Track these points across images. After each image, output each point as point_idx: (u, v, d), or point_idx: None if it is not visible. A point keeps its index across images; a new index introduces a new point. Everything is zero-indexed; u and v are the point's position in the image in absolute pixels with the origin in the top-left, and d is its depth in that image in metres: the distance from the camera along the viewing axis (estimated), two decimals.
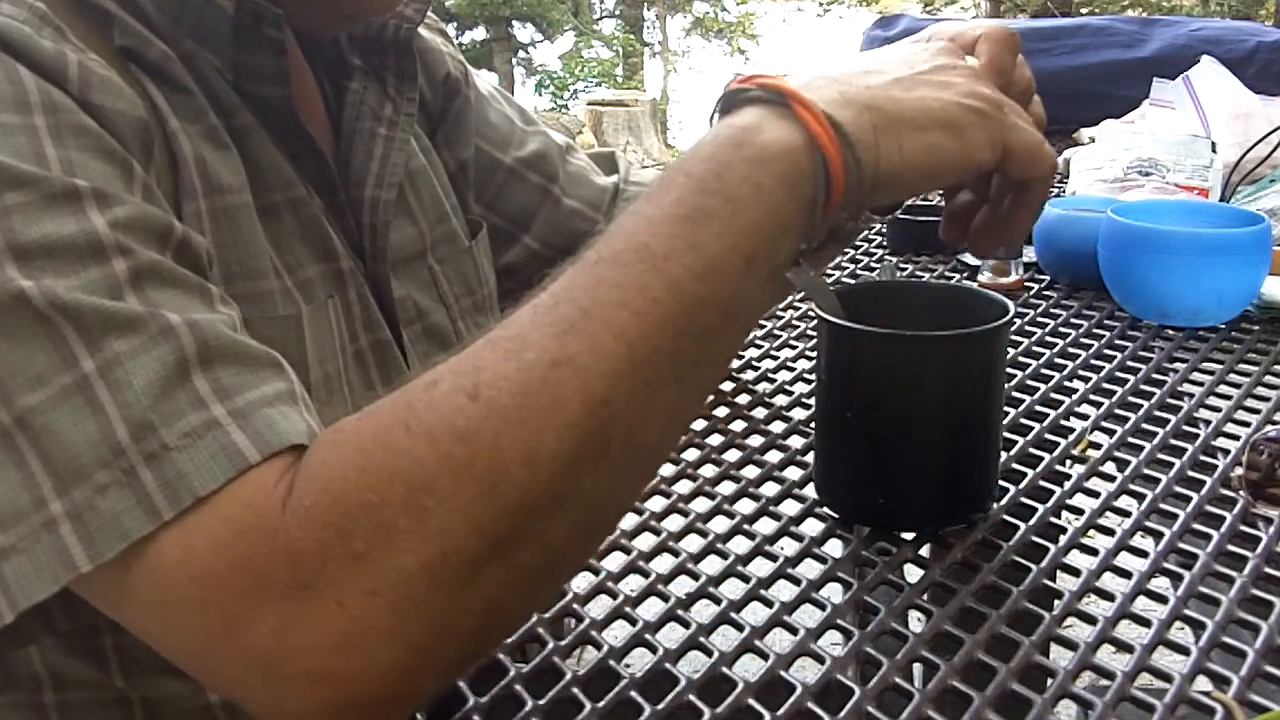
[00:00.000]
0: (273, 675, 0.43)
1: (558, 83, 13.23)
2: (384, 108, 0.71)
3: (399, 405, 0.45)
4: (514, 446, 0.42)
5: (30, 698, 0.60)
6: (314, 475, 0.44)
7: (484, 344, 0.45)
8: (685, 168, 0.48)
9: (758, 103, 0.50)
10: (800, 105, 0.49)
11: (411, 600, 0.42)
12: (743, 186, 0.47)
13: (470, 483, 0.42)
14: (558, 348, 0.44)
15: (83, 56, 0.51)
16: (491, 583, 0.43)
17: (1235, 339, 1.00)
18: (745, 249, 0.47)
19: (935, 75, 0.55)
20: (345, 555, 0.42)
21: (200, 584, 0.42)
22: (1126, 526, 0.69)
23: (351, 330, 0.66)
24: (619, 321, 0.44)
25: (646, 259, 0.45)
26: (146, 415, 0.44)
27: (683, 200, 0.47)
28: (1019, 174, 0.57)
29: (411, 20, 0.73)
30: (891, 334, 0.67)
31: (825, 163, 0.49)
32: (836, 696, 0.56)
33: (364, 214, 0.68)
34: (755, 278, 0.47)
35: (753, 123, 0.49)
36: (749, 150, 0.48)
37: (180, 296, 0.48)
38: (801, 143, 0.49)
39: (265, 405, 0.46)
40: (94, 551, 0.43)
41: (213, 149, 0.58)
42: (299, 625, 0.42)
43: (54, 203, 0.46)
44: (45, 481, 0.43)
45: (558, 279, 0.47)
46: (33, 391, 0.44)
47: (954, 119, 0.53)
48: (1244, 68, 1.69)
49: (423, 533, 0.42)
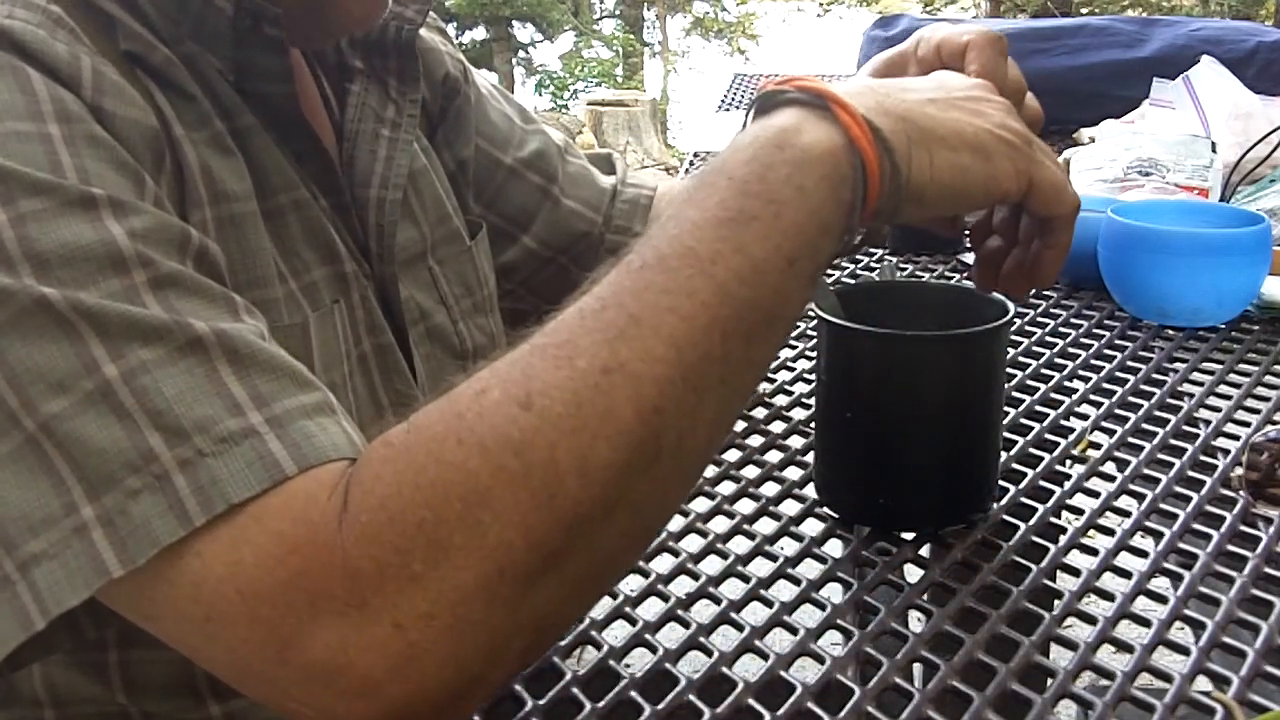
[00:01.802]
0: (323, 691, 0.42)
1: (558, 83, 13.22)
2: (386, 109, 0.71)
3: (448, 415, 0.44)
4: (569, 457, 0.42)
5: (30, 714, 0.60)
6: (368, 491, 0.43)
7: (530, 350, 0.45)
8: (726, 170, 0.48)
9: (796, 105, 0.50)
10: (840, 108, 0.49)
11: (469, 620, 0.42)
12: (785, 188, 0.47)
13: (526, 495, 0.42)
14: (609, 354, 0.43)
15: (97, 61, 0.51)
16: (544, 598, 0.43)
17: (1235, 339, 1.00)
18: (788, 251, 0.47)
19: (969, 103, 0.56)
20: (403, 576, 0.41)
21: (247, 599, 0.42)
22: (1126, 526, 0.69)
23: (356, 335, 0.66)
24: (668, 327, 0.44)
25: (693, 263, 0.45)
26: (179, 421, 0.43)
27: (726, 203, 0.47)
28: (1043, 210, 0.57)
29: (413, 21, 0.73)
30: (891, 334, 0.67)
31: (863, 166, 0.49)
32: (836, 696, 0.56)
33: (370, 215, 0.68)
34: (798, 279, 0.47)
35: (793, 124, 0.49)
36: (791, 152, 0.48)
37: (205, 306, 0.47)
38: (842, 145, 0.49)
39: (303, 416, 0.46)
40: (126, 557, 0.42)
41: (217, 156, 0.57)
42: (354, 647, 0.41)
43: (70, 210, 0.46)
44: (76, 487, 0.43)
45: (601, 283, 0.46)
46: (55, 397, 0.43)
47: (984, 144, 0.54)
48: (1244, 68, 1.69)
49: (479, 549, 0.41)
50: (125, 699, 0.59)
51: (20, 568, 0.43)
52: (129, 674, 0.58)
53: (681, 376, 0.44)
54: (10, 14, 0.49)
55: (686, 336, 0.44)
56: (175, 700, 0.59)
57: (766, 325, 0.47)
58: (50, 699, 0.59)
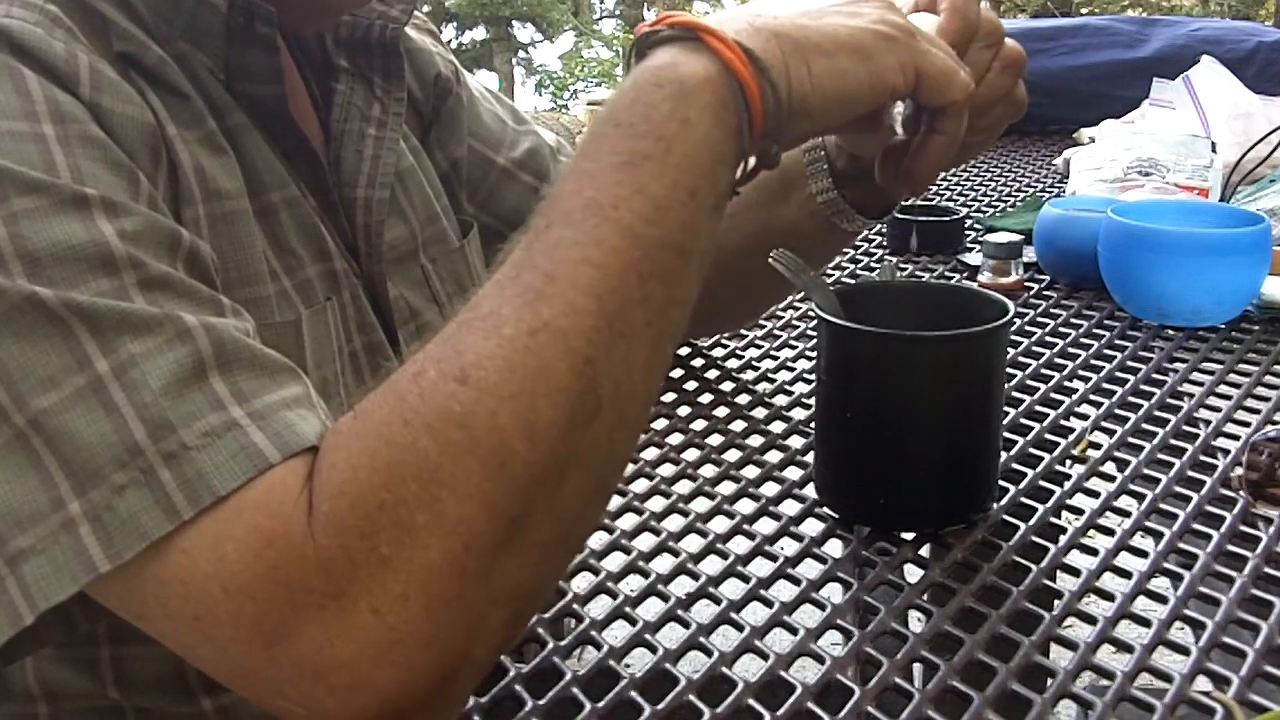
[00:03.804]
0: (313, 687, 0.42)
1: (558, 83, 13.23)
2: (372, 108, 0.71)
3: (390, 399, 0.45)
4: (512, 422, 0.43)
5: (24, 708, 0.60)
6: (325, 479, 0.43)
7: (458, 327, 0.45)
8: (613, 117, 0.48)
9: (670, 42, 0.50)
10: (710, 36, 0.49)
11: (443, 598, 0.42)
12: (670, 123, 0.47)
13: (477, 466, 0.42)
14: (532, 316, 0.44)
15: (94, 59, 0.51)
16: (514, 565, 0.44)
17: (1235, 339, 1.00)
18: (687, 184, 0.47)
19: (846, 6, 0.55)
20: (373, 560, 0.42)
21: (232, 595, 0.42)
22: (1126, 526, 0.69)
23: (347, 332, 0.66)
24: (584, 277, 0.45)
25: (596, 212, 0.46)
26: (165, 415, 0.44)
27: (617, 148, 0.47)
28: (932, 99, 0.57)
29: (397, 20, 0.73)
30: (891, 334, 0.67)
31: (743, 89, 0.49)
32: (836, 696, 0.56)
33: (357, 214, 0.68)
34: (702, 210, 0.48)
35: (669, 60, 0.49)
36: (670, 88, 0.48)
37: (194, 308, 0.48)
38: (717, 71, 0.49)
39: (284, 408, 0.46)
40: (113, 552, 0.42)
41: (210, 155, 0.57)
42: (338, 638, 0.42)
43: (63, 209, 0.46)
44: (63, 483, 0.43)
45: (514, 251, 0.47)
46: (46, 393, 0.43)
47: (862, 44, 0.53)
48: (1244, 68, 1.69)
49: (441, 525, 0.42)
50: (117, 694, 0.59)
51: (9, 563, 0.43)
52: (121, 669, 0.58)
53: (607, 324, 0.44)
54: (8, 13, 0.50)
55: (604, 284, 0.45)
56: (167, 695, 0.59)
57: (681, 260, 0.47)
58: (43, 693, 0.59)
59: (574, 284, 0.44)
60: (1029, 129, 1.94)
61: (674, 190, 0.47)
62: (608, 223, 0.45)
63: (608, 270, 0.45)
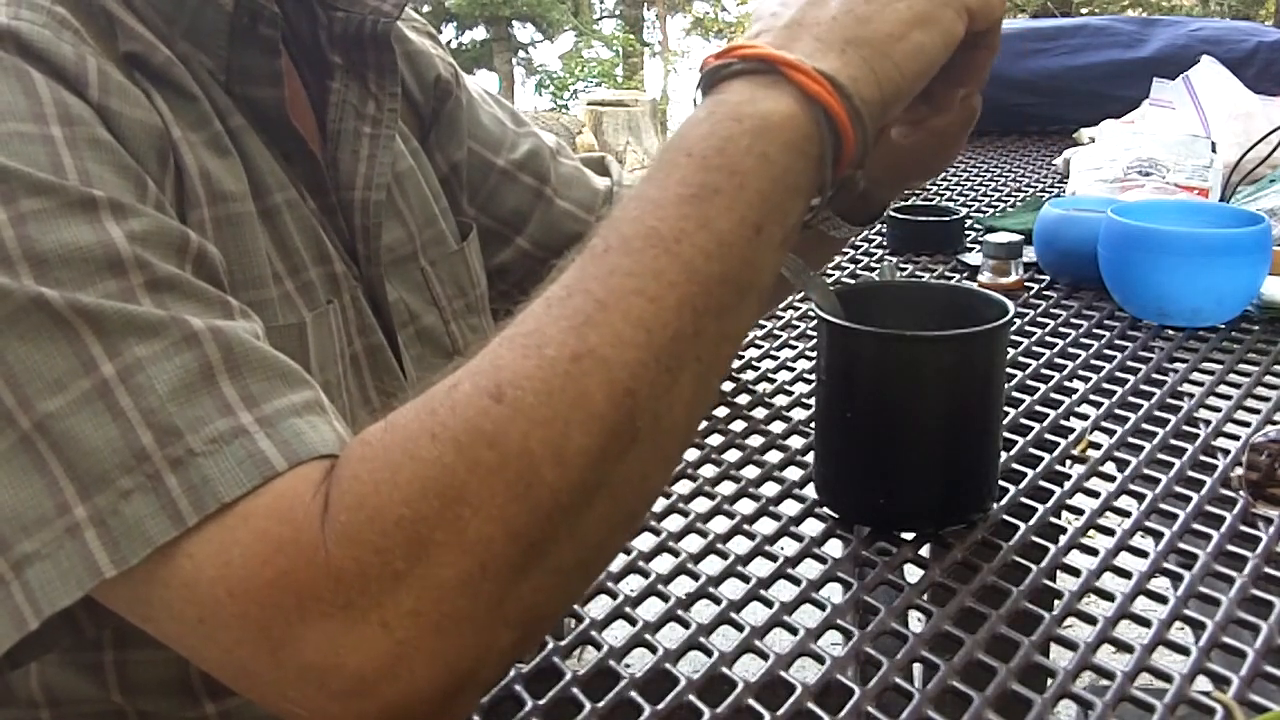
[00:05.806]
0: (317, 692, 0.42)
1: (558, 83, 13.23)
2: (366, 105, 0.71)
3: (422, 412, 0.44)
4: (542, 446, 0.42)
5: (27, 714, 0.60)
6: (346, 490, 0.43)
7: (500, 342, 0.44)
8: (685, 146, 0.47)
9: (742, 75, 0.49)
10: (790, 69, 0.48)
11: (455, 617, 0.42)
12: (747, 158, 0.46)
13: (503, 487, 0.41)
14: (577, 341, 0.43)
15: (101, 61, 0.51)
16: (530, 590, 0.43)
17: (1235, 339, 1.00)
18: (754, 220, 0.46)
19: None
20: (386, 575, 0.41)
21: (238, 600, 0.42)
22: (1126, 526, 0.69)
23: (348, 335, 0.66)
24: (636, 309, 0.43)
25: (657, 243, 0.45)
26: (171, 420, 0.43)
27: (687, 180, 0.46)
28: (984, 24, 0.56)
29: (389, 15, 0.72)
30: (891, 334, 0.67)
31: (831, 120, 0.48)
32: (836, 696, 0.56)
33: (355, 216, 0.68)
34: (767, 246, 0.47)
35: (746, 96, 0.48)
36: (750, 122, 0.47)
37: (201, 309, 0.47)
38: (800, 106, 0.48)
39: (293, 414, 0.46)
40: (118, 557, 0.42)
41: (215, 157, 0.57)
42: (344, 648, 0.41)
43: (70, 211, 0.46)
44: (68, 487, 0.43)
45: (567, 270, 0.46)
46: (52, 396, 0.43)
47: (921, 13, 0.52)
48: (1244, 68, 1.69)
49: (459, 544, 0.41)
50: (121, 698, 0.59)
51: (14, 567, 0.43)
52: (124, 674, 0.58)
53: (654, 358, 0.43)
54: (16, 15, 0.50)
55: (656, 318, 0.44)
56: (171, 699, 0.59)
57: (738, 297, 0.46)
58: (46, 699, 0.59)
59: (625, 314, 0.43)
60: (1029, 129, 1.94)
61: (740, 226, 0.45)
62: (667, 255, 0.44)
63: (662, 304, 0.44)
